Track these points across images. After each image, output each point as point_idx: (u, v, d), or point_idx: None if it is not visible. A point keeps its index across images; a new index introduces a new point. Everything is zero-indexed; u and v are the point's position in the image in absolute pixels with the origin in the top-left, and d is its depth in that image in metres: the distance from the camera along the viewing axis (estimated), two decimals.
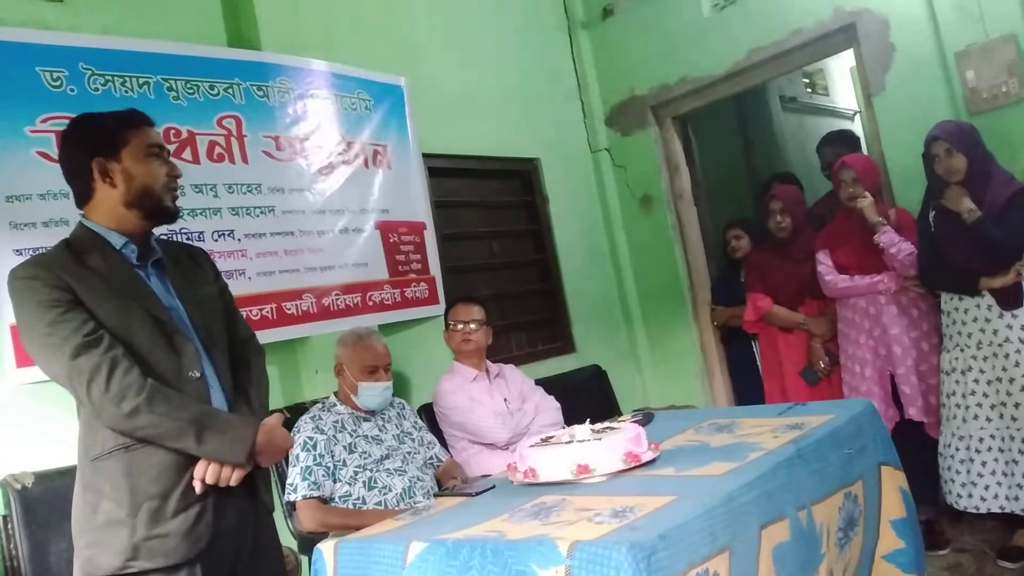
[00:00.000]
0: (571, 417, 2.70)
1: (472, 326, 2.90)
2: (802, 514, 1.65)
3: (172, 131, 2.60)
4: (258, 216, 2.78)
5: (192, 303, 1.71)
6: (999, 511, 2.68)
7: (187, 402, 1.57)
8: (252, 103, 2.82)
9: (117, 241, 1.64)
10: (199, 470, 1.56)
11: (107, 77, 2.49)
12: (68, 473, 1.99)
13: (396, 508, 2.29)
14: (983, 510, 2.71)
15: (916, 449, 2.84)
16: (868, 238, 3.01)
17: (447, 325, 2.97)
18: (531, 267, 4.17)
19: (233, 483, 1.58)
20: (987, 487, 2.69)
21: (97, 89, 2.47)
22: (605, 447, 1.80)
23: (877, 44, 3.44)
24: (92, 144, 1.64)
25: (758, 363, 3.60)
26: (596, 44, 4.46)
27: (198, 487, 1.56)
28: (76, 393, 1.54)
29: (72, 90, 2.42)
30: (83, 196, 1.67)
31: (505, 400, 2.89)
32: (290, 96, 2.95)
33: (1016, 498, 2.63)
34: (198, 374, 1.63)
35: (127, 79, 2.54)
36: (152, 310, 1.62)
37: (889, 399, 3.03)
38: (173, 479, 1.55)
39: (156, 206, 1.66)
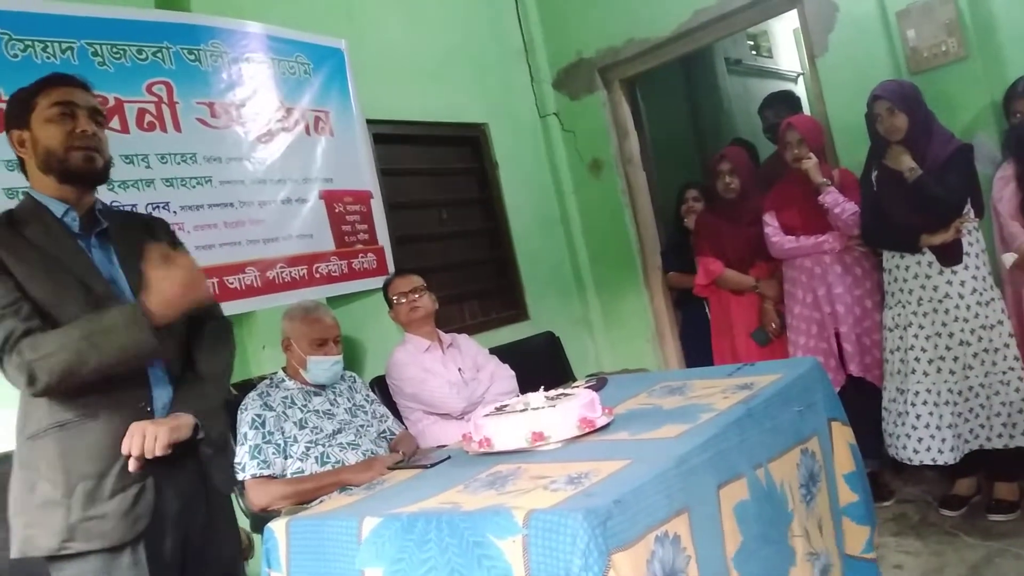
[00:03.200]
0: (525, 384, 2.70)
1: (415, 295, 2.85)
2: (759, 472, 1.67)
3: (99, 99, 2.44)
4: (194, 187, 2.67)
5: (137, 275, 1.63)
6: (931, 463, 2.76)
7: (67, 327, 1.49)
8: (183, 68, 2.69)
9: (58, 209, 1.61)
10: (124, 445, 1.50)
11: (26, 42, 2.35)
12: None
13: None
14: (916, 462, 2.79)
15: (861, 404, 2.91)
16: (813, 199, 3.04)
17: (390, 302, 2.91)
18: (482, 235, 4.12)
19: (159, 452, 1.49)
20: (920, 439, 2.76)
21: (16, 55, 2.33)
22: (559, 414, 1.79)
23: (820, 4, 3.45)
24: (8, 116, 1.64)
25: None
26: (542, 4, 4.39)
27: (132, 466, 1.51)
28: None
29: None
30: (21, 169, 1.66)
31: (459, 370, 2.86)
32: (224, 60, 2.82)
33: (952, 449, 2.71)
34: None
35: (48, 44, 2.39)
36: (88, 281, 1.57)
37: (834, 356, 3.09)
38: (109, 459, 1.51)
39: (62, 167, 1.59)
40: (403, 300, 2.85)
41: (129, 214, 1.84)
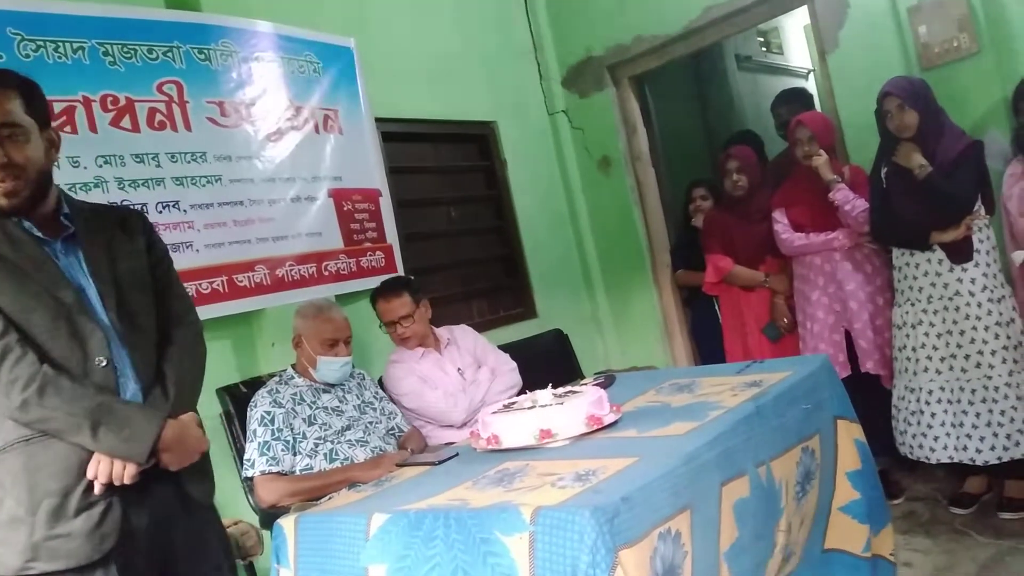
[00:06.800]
0: (534, 382, 2.68)
1: (400, 327, 2.75)
2: (761, 470, 1.67)
3: (110, 98, 2.48)
4: (204, 186, 2.68)
5: (106, 282, 1.57)
6: (948, 461, 2.76)
7: (83, 393, 1.45)
8: (193, 67, 2.70)
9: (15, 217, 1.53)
10: (91, 469, 1.45)
11: (38, 43, 2.36)
12: None
13: None
14: (933, 460, 2.78)
15: (872, 401, 2.90)
16: (823, 196, 3.03)
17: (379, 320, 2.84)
18: (491, 233, 4.13)
19: (127, 481, 1.46)
20: (936, 438, 2.76)
21: (28, 56, 2.34)
22: (567, 411, 1.80)
23: (831, 0, 3.43)
24: None
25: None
26: (551, 2, 4.38)
27: (96, 488, 1.46)
28: None
29: (0, 57, 2.28)
30: None
31: (459, 370, 2.82)
32: (234, 59, 2.84)
33: (964, 448, 2.70)
34: (104, 362, 1.50)
35: (60, 44, 2.41)
36: (56, 292, 1.50)
37: (845, 353, 3.08)
38: (75, 475, 1.45)
39: None
40: (390, 330, 2.78)
41: (100, 210, 1.71)
